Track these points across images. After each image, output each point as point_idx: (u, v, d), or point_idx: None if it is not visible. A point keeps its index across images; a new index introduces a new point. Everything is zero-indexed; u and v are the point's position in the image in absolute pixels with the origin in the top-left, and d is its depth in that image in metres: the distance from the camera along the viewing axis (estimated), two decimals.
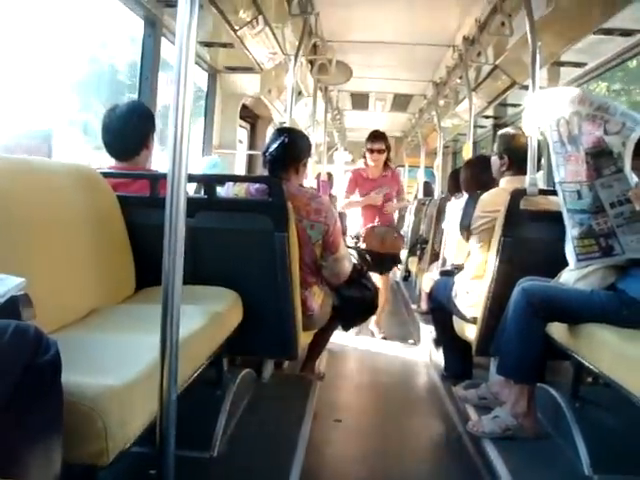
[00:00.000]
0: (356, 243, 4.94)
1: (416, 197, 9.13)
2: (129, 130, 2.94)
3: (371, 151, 5.21)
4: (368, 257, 3.56)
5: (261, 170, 3.16)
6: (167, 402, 1.43)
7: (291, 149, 3.05)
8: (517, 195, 2.96)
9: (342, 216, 3.92)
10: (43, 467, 1.23)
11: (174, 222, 1.39)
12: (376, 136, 5.22)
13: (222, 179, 3.23)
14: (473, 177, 3.89)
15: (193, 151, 4.96)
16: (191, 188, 3.29)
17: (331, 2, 4.56)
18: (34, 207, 2.02)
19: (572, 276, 2.54)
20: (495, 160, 3.37)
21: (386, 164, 5.33)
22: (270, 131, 6.35)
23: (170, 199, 1.40)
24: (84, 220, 2.33)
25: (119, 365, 1.53)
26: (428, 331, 4.74)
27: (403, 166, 12.15)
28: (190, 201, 1.47)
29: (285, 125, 4.04)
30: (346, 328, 3.75)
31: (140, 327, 1.96)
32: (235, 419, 2.62)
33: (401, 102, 8.81)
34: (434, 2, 4.54)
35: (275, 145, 3.02)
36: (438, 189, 7.40)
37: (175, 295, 1.41)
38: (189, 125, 1.42)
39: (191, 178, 1.50)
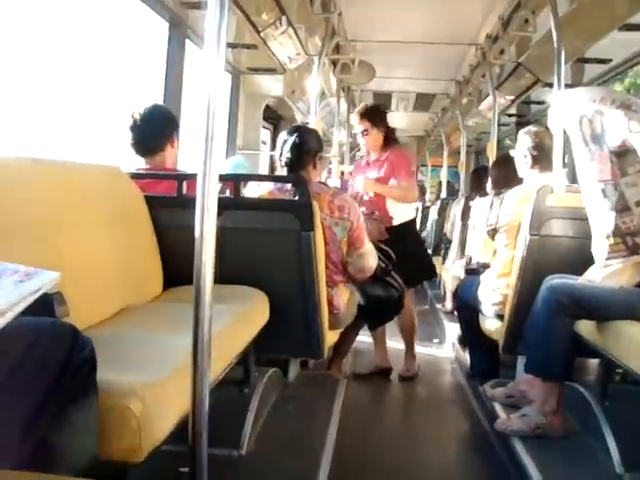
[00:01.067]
0: None
1: (439, 196, 9.10)
2: (153, 127, 3.01)
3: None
4: (393, 255, 3.53)
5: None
6: (200, 400, 1.44)
7: (304, 146, 3.05)
8: (543, 192, 2.96)
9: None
10: (78, 462, 1.25)
11: (205, 222, 1.41)
12: (358, 117, 4.25)
13: (249, 179, 3.25)
14: (500, 176, 3.89)
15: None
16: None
17: (353, 2, 4.56)
18: (63, 207, 2.05)
19: (599, 274, 2.52)
20: (519, 158, 3.36)
21: (386, 144, 4.24)
22: None
23: (201, 199, 1.41)
24: (112, 220, 2.36)
25: (151, 363, 1.55)
26: (453, 330, 4.73)
27: (426, 165, 12.12)
28: (217, 201, 1.49)
29: (309, 126, 4.03)
30: (372, 327, 3.75)
31: (170, 326, 1.98)
32: (263, 418, 2.64)
33: (423, 101, 8.80)
34: (456, 1, 4.53)
35: (288, 146, 3.04)
36: (462, 188, 7.37)
37: (206, 294, 1.42)
38: (219, 125, 1.43)
39: (220, 178, 1.51)
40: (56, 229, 1.96)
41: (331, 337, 3.01)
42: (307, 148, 3.05)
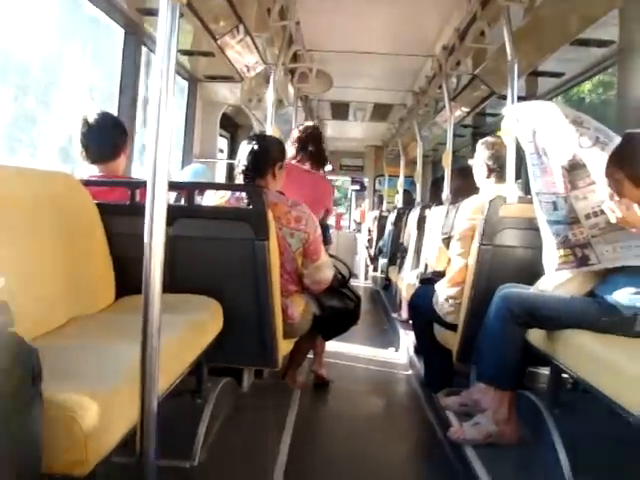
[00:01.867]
0: None
1: (395, 206, 9.15)
2: (106, 135, 3.00)
3: None
4: (349, 267, 3.54)
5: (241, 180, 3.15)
6: (148, 411, 1.42)
7: (263, 154, 3.03)
8: (496, 203, 2.99)
9: (324, 226, 3.88)
10: (21, 476, 1.22)
11: (154, 230, 1.39)
12: None
13: (202, 187, 3.22)
14: (460, 186, 3.93)
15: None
16: (172, 196, 3.30)
17: (312, 10, 4.58)
18: (11, 214, 2.00)
19: (551, 283, 2.56)
20: (477, 168, 3.41)
21: None
22: None
23: (150, 206, 1.39)
24: (63, 227, 2.31)
25: (99, 373, 1.52)
26: (409, 339, 4.75)
27: (383, 175, 12.19)
28: (169, 209, 1.47)
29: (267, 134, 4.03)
30: (327, 337, 3.74)
31: (119, 335, 1.95)
32: (216, 428, 2.61)
33: (381, 111, 8.85)
34: (414, 12, 4.58)
35: (246, 154, 3.02)
36: (419, 197, 7.43)
37: (155, 303, 1.41)
38: (170, 133, 1.42)
39: (171, 186, 1.50)
40: (3, 236, 1.92)
41: (285, 346, 3.00)
42: (266, 157, 3.04)
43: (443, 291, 3.31)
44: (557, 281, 2.54)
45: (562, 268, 2.47)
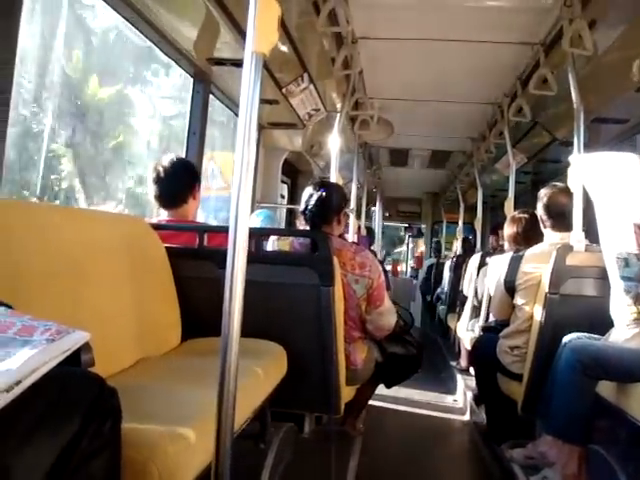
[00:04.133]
0: None
1: (455, 253, 9.08)
2: (177, 180, 3.09)
3: None
4: (411, 313, 3.53)
5: (303, 225, 3.19)
6: (223, 454, 1.43)
7: (330, 201, 3.07)
8: (563, 251, 2.96)
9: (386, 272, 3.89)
10: None
11: (235, 275, 1.42)
12: None
13: (270, 233, 3.27)
14: (519, 233, 3.90)
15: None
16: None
17: (374, 59, 4.63)
18: (87, 257, 2.07)
19: (622, 335, 2.51)
20: (539, 216, 3.39)
21: None
22: None
23: (232, 252, 1.43)
24: (132, 270, 2.37)
25: (173, 415, 1.54)
26: (468, 389, 4.68)
27: (441, 222, 12.13)
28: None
29: (332, 181, 4.09)
30: (389, 385, 3.71)
31: (191, 378, 1.97)
32: (279, 473, 2.60)
33: (439, 158, 8.84)
34: (474, 60, 4.60)
35: (314, 200, 3.05)
36: (478, 244, 7.37)
37: (233, 347, 1.43)
38: (251, 182, 1.46)
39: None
40: (79, 279, 1.98)
41: (348, 393, 2.98)
42: (332, 204, 3.07)
43: (508, 340, 3.26)
44: (628, 334, 2.49)
45: (634, 325, 2.42)
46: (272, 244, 3.12)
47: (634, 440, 2.45)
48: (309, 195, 3.09)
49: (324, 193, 3.06)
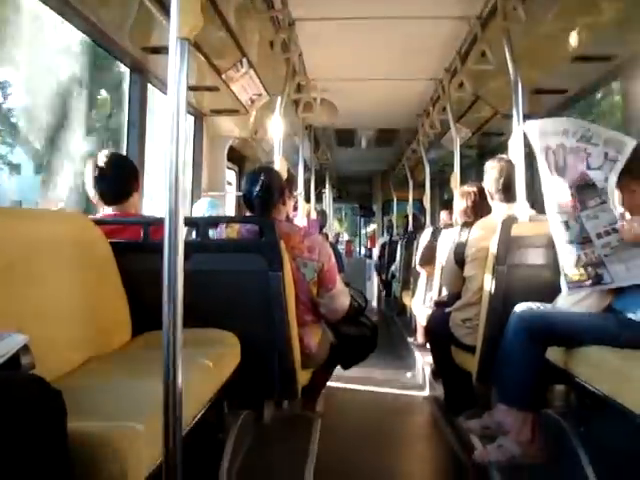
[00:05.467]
0: None
1: (406, 230, 9.13)
2: (120, 176, 3.07)
3: None
4: (365, 295, 3.54)
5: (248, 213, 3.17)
6: (172, 447, 1.42)
7: (271, 185, 3.06)
8: (507, 222, 2.99)
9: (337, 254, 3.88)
10: None
11: (172, 266, 1.40)
12: None
13: (215, 221, 3.24)
14: (469, 207, 3.93)
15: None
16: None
17: (313, 41, 4.61)
18: (27, 255, 2.01)
19: (568, 301, 2.56)
20: (487, 189, 3.42)
21: None
22: None
23: (168, 243, 1.40)
24: (76, 268, 2.32)
25: (121, 411, 1.52)
26: (426, 364, 4.73)
27: (392, 200, 12.18)
28: (184, 244, 1.48)
29: (272, 165, 4.07)
30: (346, 366, 3.72)
31: (139, 373, 1.95)
32: (238, 461, 2.59)
33: (386, 136, 8.87)
34: (414, 37, 4.60)
35: (257, 187, 3.03)
36: (428, 221, 7.43)
37: (177, 339, 1.41)
38: (184, 170, 1.44)
39: (185, 221, 1.51)
40: (20, 278, 1.93)
41: (304, 377, 2.98)
42: (274, 187, 3.05)
43: (459, 313, 3.30)
44: (574, 299, 2.53)
45: (576, 287, 2.46)
46: (219, 233, 3.09)
47: (583, 402, 2.51)
48: (250, 182, 3.06)
49: (264, 178, 3.04)
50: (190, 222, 3.00)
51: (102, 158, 3.02)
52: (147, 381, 1.71)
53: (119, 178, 3.06)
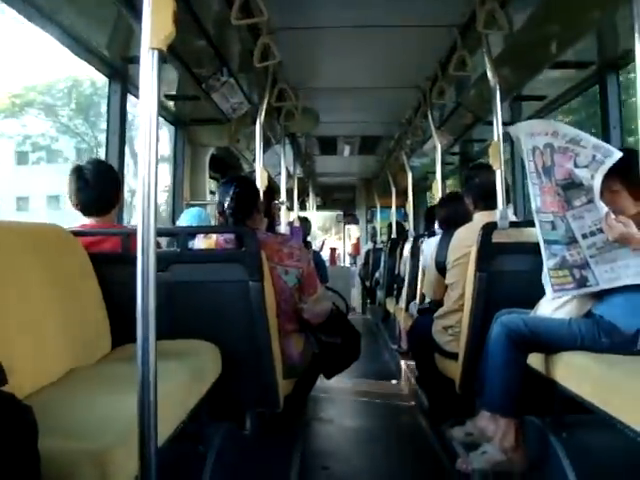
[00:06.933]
0: None
1: (390, 237, 9.13)
2: (105, 186, 3.00)
3: None
4: (345, 300, 3.53)
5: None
6: (147, 463, 1.39)
7: (246, 194, 3.06)
8: (488, 229, 2.99)
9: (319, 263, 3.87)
10: None
11: (145, 278, 1.38)
12: None
13: (193, 231, 3.22)
14: (448, 214, 3.93)
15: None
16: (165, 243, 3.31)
17: (293, 50, 4.60)
18: (3, 269, 1.99)
19: (550, 306, 2.55)
20: (466, 198, 3.42)
21: None
22: None
23: (141, 254, 1.39)
24: (56, 280, 2.30)
25: (97, 427, 1.49)
26: (410, 371, 4.72)
27: (375, 207, 12.18)
28: (162, 255, 1.47)
29: (254, 174, 4.06)
30: (329, 375, 3.70)
31: (117, 386, 1.92)
32: (219, 473, 2.56)
33: (369, 144, 8.86)
34: (396, 46, 4.60)
35: (230, 197, 3.01)
36: (411, 228, 7.43)
37: (150, 351, 1.39)
38: (156, 179, 1.42)
39: (161, 232, 1.50)
40: None
41: (286, 387, 2.96)
42: (248, 196, 3.05)
43: (442, 320, 3.29)
44: (555, 304, 2.53)
45: (560, 289, 2.45)
46: (197, 243, 3.07)
47: (565, 408, 2.50)
48: (224, 193, 3.05)
49: (238, 188, 3.02)
50: (166, 232, 2.99)
51: (88, 166, 2.97)
52: (124, 395, 1.68)
53: (102, 191, 2.99)
